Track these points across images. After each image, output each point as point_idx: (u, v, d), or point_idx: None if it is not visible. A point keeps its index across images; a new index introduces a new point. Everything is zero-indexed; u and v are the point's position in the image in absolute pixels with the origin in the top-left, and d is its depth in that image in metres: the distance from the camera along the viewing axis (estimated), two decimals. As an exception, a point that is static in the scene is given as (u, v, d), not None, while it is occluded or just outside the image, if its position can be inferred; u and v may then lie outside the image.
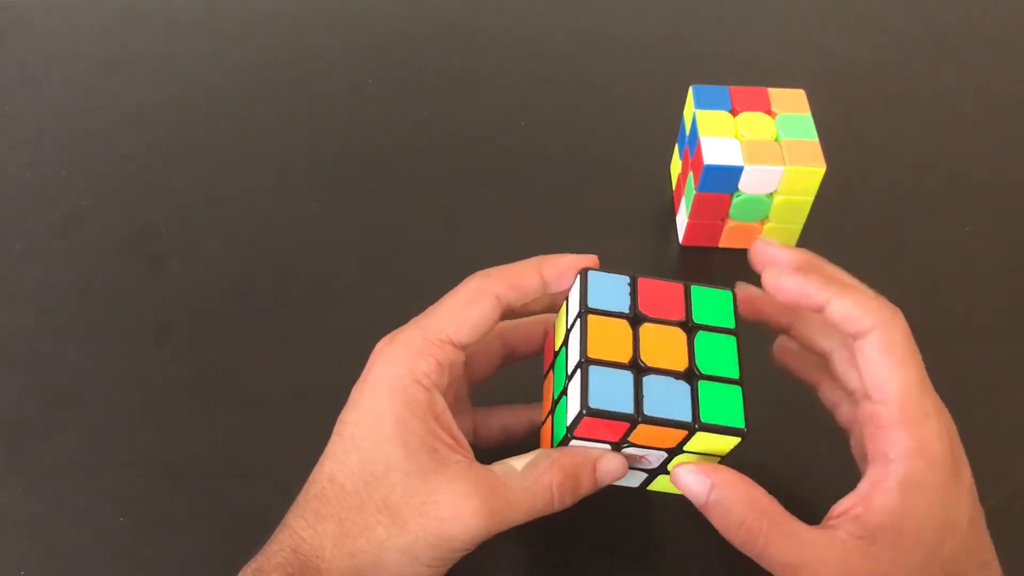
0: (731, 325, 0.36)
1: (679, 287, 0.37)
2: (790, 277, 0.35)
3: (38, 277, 0.53)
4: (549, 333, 0.41)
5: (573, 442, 0.36)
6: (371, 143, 0.61)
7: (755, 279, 0.38)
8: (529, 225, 0.56)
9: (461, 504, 0.34)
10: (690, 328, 0.36)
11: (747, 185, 0.51)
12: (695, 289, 0.37)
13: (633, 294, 0.36)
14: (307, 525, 0.35)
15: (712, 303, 0.37)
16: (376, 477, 0.35)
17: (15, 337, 0.51)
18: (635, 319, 0.36)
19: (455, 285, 0.38)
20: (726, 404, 0.35)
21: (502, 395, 0.43)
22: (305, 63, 0.66)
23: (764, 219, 0.53)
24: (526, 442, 0.42)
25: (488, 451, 0.41)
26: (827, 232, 0.55)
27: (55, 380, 0.49)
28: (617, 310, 0.36)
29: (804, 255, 0.37)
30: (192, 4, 0.69)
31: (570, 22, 0.69)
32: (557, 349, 0.39)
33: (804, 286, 0.35)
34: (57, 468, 0.46)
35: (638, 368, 0.35)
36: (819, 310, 0.35)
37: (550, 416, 0.39)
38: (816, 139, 0.51)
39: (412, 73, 0.65)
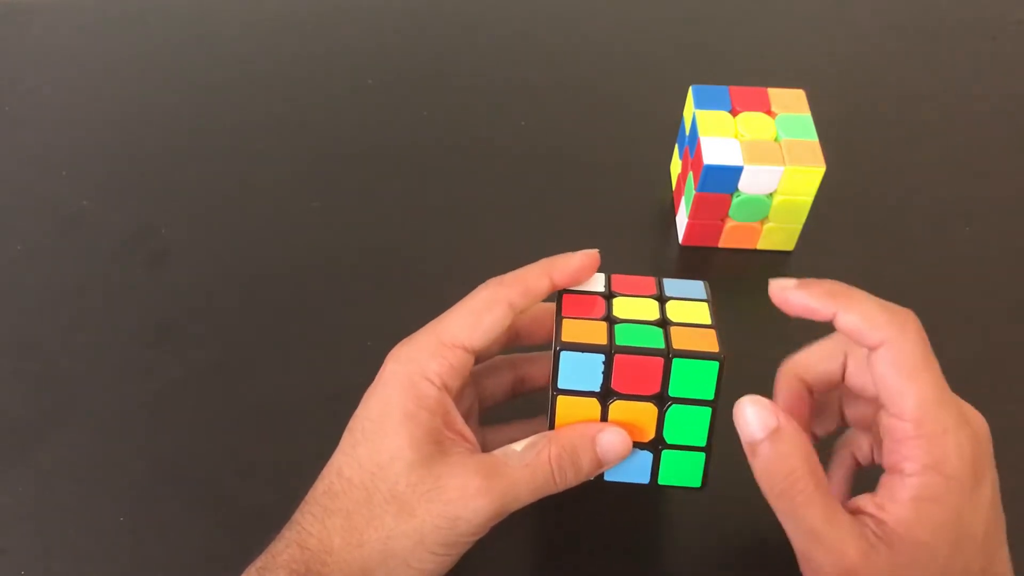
0: (709, 397, 0.36)
1: (659, 361, 0.36)
2: (794, 291, 0.36)
3: (38, 277, 0.53)
4: None
5: None
6: (371, 143, 0.61)
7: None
8: (529, 225, 0.56)
9: (465, 485, 0.35)
10: (664, 401, 0.37)
11: (747, 185, 0.51)
12: (677, 362, 0.36)
13: (607, 372, 0.36)
14: (315, 520, 0.36)
15: (694, 374, 0.36)
16: (382, 468, 0.35)
17: (16, 338, 0.51)
18: (605, 396, 0.37)
19: (455, 283, 0.39)
20: (687, 467, 0.38)
21: (510, 413, 0.43)
22: (305, 63, 0.66)
23: (764, 219, 0.53)
24: None
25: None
26: (827, 232, 0.55)
27: (55, 380, 0.49)
28: (587, 389, 0.36)
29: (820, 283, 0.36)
30: (191, 5, 0.69)
31: (570, 22, 0.69)
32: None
33: (808, 300, 0.35)
34: (57, 468, 0.46)
35: None
36: (829, 321, 0.35)
37: None
38: (816, 139, 0.51)
39: (412, 73, 0.65)
